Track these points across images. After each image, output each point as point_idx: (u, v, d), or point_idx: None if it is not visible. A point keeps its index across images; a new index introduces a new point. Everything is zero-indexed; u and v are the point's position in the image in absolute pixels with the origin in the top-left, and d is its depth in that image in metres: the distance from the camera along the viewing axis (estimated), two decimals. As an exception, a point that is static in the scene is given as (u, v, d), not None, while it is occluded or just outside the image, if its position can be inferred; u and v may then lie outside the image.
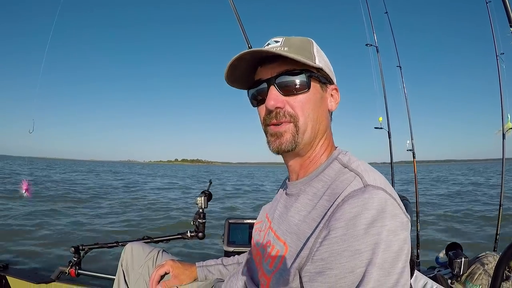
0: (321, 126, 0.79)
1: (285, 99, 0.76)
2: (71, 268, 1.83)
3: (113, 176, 27.53)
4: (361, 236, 0.58)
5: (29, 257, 4.11)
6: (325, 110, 0.81)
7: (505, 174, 2.94)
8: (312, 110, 0.76)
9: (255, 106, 0.83)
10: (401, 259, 0.59)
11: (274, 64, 0.76)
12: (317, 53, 0.79)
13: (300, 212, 0.74)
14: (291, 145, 0.76)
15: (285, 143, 0.76)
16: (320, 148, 0.81)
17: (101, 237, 5.22)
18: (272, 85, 0.76)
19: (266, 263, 0.77)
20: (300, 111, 0.75)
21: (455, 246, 2.01)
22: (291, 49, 0.76)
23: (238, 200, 12.26)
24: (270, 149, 0.79)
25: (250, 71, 0.82)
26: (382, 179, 0.69)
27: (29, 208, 7.98)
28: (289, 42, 0.78)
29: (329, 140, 0.83)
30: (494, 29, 2.95)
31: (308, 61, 0.74)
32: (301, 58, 0.73)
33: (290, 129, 0.75)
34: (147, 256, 1.31)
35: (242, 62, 0.77)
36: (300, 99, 0.76)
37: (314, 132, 0.78)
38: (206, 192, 1.78)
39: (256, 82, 0.81)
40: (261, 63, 0.79)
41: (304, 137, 0.76)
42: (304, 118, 0.75)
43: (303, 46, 0.78)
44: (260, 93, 0.79)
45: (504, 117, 2.93)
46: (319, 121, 0.79)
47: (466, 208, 8.80)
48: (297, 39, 0.80)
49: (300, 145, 0.76)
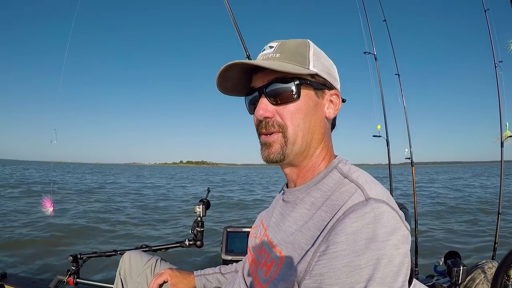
0: (315, 135, 0.77)
1: (274, 108, 0.74)
2: (69, 277, 1.82)
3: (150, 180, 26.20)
4: (362, 252, 0.57)
5: (27, 265, 4.09)
6: (320, 118, 0.78)
7: (503, 181, 2.94)
8: (302, 120, 0.74)
9: (251, 113, 0.82)
10: (402, 273, 0.58)
11: (265, 73, 0.74)
12: (313, 57, 0.76)
13: (297, 222, 0.73)
14: (279, 156, 0.75)
15: (273, 154, 0.75)
16: (317, 157, 0.79)
17: (99, 246, 5.20)
18: (262, 94, 0.75)
19: (262, 272, 0.77)
20: (289, 121, 0.74)
21: (454, 255, 2.01)
22: (283, 55, 0.74)
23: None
24: (261, 157, 0.78)
25: (246, 79, 0.80)
26: (383, 191, 0.68)
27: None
28: (282, 47, 0.76)
29: (327, 148, 0.80)
30: (493, 37, 2.97)
31: (299, 68, 0.73)
32: (288, 68, 0.71)
33: (278, 140, 0.74)
34: (145, 264, 1.31)
35: (232, 72, 0.76)
36: (290, 108, 0.74)
37: (306, 142, 0.76)
38: (204, 201, 1.78)
39: (250, 90, 0.80)
40: (255, 71, 0.77)
41: (294, 147, 0.75)
42: (293, 128, 0.74)
43: (297, 50, 0.76)
44: (253, 101, 0.79)
45: (502, 125, 2.94)
46: (312, 130, 0.76)
47: (465, 214, 8.76)
48: (293, 43, 0.77)
49: (289, 155, 0.75)
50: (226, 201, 11.57)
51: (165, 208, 9.72)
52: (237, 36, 1.76)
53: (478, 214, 8.74)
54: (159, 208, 9.79)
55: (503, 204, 2.84)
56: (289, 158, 0.76)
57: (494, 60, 2.98)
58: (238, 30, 1.74)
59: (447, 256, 2.03)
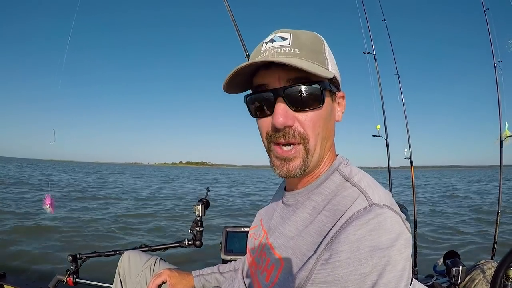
0: (328, 143, 0.72)
1: (295, 115, 0.65)
2: (68, 277, 1.82)
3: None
4: (366, 260, 0.56)
5: (27, 265, 4.08)
6: (333, 124, 0.73)
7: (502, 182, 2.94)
8: (322, 128, 0.68)
9: (255, 117, 0.72)
10: (404, 276, 0.58)
11: (283, 69, 0.64)
12: (328, 56, 0.69)
13: (298, 226, 0.71)
14: (300, 171, 0.68)
15: (294, 170, 0.67)
16: (323, 163, 0.75)
17: (99, 245, 5.19)
18: (280, 97, 0.64)
19: (262, 276, 0.76)
20: (311, 130, 0.66)
21: (453, 255, 2.01)
22: (303, 51, 0.65)
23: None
24: (275, 173, 0.69)
25: (250, 74, 0.71)
26: (386, 195, 0.66)
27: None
28: (298, 41, 0.66)
29: (332, 152, 0.77)
30: (492, 37, 2.97)
31: (324, 70, 0.65)
32: (317, 70, 0.62)
33: (300, 153, 0.67)
34: (144, 264, 1.31)
35: (244, 69, 0.66)
36: (312, 116, 0.66)
37: (322, 152, 0.71)
38: (203, 200, 1.78)
39: (257, 88, 0.69)
40: (265, 65, 0.66)
41: (313, 159, 0.69)
42: (314, 138, 0.67)
43: (315, 47, 0.67)
44: (264, 102, 0.68)
45: (501, 125, 2.94)
46: (328, 137, 0.71)
47: (464, 215, 8.77)
48: (307, 36, 0.68)
49: (308, 168, 0.69)
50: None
51: (165, 208, 9.72)
52: (237, 37, 1.75)
53: (478, 214, 8.76)
54: (158, 207, 9.80)
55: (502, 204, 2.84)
56: (309, 170, 0.70)
57: (494, 59, 2.98)
58: (238, 30, 1.74)
59: (446, 256, 2.03)
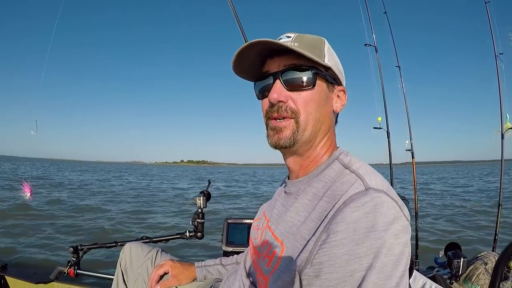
0: (323, 126, 0.79)
1: (288, 94, 0.75)
2: (70, 268, 1.82)
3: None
4: (362, 241, 0.57)
5: (28, 256, 4.11)
6: (329, 111, 0.80)
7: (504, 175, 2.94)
8: (314, 109, 0.76)
9: (260, 99, 0.82)
10: (402, 262, 0.58)
11: (282, 58, 0.76)
12: (327, 52, 0.78)
13: (300, 213, 0.73)
14: (289, 141, 0.75)
15: (283, 139, 0.75)
16: (321, 148, 0.80)
17: (100, 237, 5.22)
18: (277, 79, 0.75)
19: (264, 263, 0.77)
20: (302, 107, 0.75)
21: (454, 246, 2.02)
22: (302, 45, 0.75)
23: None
24: (268, 142, 0.78)
25: (259, 63, 0.81)
26: (383, 182, 0.69)
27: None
28: (300, 39, 0.77)
29: (331, 141, 0.82)
30: (493, 29, 2.95)
31: (317, 58, 0.74)
32: (309, 53, 0.72)
33: (290, 125, 0.75)
34: (146, 256, 1.31)
35: (252, 52, 0.76)
36: (304, 95, 0.75)
37: (314, 131, 0.77)
38: (205, 192, 1.77)
39: (263, 75, 0.80)
40: (270, 56, 0.78)
41: (304, 134, 0.75)
42: (305, 115, 0.75)
43: (314, 43, 0.78)
44: (266, 86, 0.79)
45: (503, 117, 2.94)
46: (322, 120, 0.78)
47: (465, 207, 8.81)
48: (310, 36, 0.79)
49: (298, 142, 0.76)
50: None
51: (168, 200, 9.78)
52: (240, 33, 1.74)
53: (479, 206, 8.79)
54: (162, 200, 9.85)
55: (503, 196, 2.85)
56: (297, 144, 0.76)
57: (495, 52, 2.97)
58: (240, 26, 1.73)
59: (447, 248, 2.03)
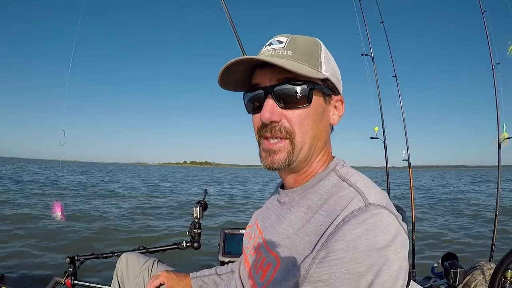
0: (319, 143, 0.74)
1: (282, 112, 0.69)
2: (66, 279, 1.81)
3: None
4: (362, 259, 0.56)
5: (24, 267, 4.07)
6: (326, 125, 0.75)
7: (500, 184, 2.94)
8: (311, 127, 0.71)
9: (250, 113, 0.77)
10: (401, 277, 0.58)
11: (274, 70, 0.68)
12: (324, 59, 0.72)
13: (293, 225, 0.72)
14: (284, 164, 0.71)
15: (278, 162, 0.71)
16: (317, 163, 0.77)
17: (96, 247, 5.18)
18: (269, 95, 0.69)
19: (257, 275, 0.76)
20: (297, 127, 0.69)
21: (451, 256, 2.02)
22: (296, 53, 0.69)
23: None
24: (262, 164, 0.73)
25: (247, 74, 0.74)
26: (382, 195, 0.67)
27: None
28: (294, 45, 0.70)
29: (327, 154, 0.79)
30: (490, 39, 2.98)
31: (313, 71, 0.69)
32: (303, 71, 0.66)
33: (285, 148, 0.70)
34: (142, 266, 1.31)
35: (240, 66, 0.70)
36: (299, 113, 0.69)
37: (311, 150, 0.73)
38: (201, 202, 1.78)
39: (253, 87, 0.74)
40: (260, 66, 0.71)
41: (300, 155, 0.71)
42: (301, 135, 0.70)
43: (309, 51, 0.71)
44: (256, 100, 0.73)
45: (499, 127, 2.95)
46: (318, 137, 0.73)
47: (463, 216, 8.78)
48: (304, 41, 0.72)
49: (294, 163, 0.72)
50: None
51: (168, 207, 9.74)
52: (234, 36, 1.76)
53: (475, 216, 8.76)
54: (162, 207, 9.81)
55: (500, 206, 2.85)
56: (294, 165, 0.73)
57: (492, 62, 2.99)
58: (235, 29, 1.74)
59: (444, 258, 2.03)
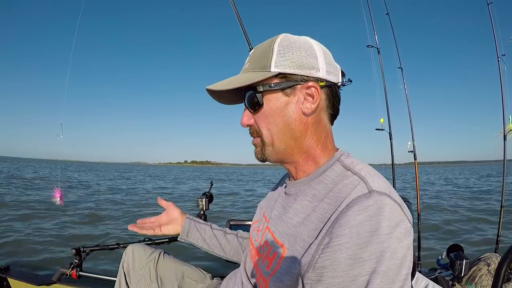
0: (295, 133, 0.75)
1: (253, 116, 0.79)
2: (72, 270, 1.83)
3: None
4: (365, 245, 0.57)
5: (30, 259, 4.12)
6: (295, 116, 0.75)
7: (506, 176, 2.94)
8: (272, 123, 0.76)
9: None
10: (405, 265, 0.58)
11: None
12: (277, 56, 0.73)
13: (299, 214, 0.73)
14: (261, 157, 0.80)
15: (257, 155, 0.82)
16: (313, 149, 0.77)
17: (102, 239, 5.22)
18: (244, 105, 0.81)
19: (263, 265, 0.77)
20: (263, 126, 0.78)
21: (456, 248, 2.02)
22: (251, 64, 0.78)
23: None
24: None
25: (237, 90, 0.81)
26: (386, 184, 0.68)
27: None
28: (252, 55, 0.79)
29: (320, 140, 0.77)
30: (496, 30, 2.95)
31: (259, 74, 0.74)
32: (245, 79, 0.75)
33: (258, 143, 0.80)
34: (149, 257, 1.31)
35: (222, 92, 0.81)
36: (259, 115, 0.78)
37: (284, 142, 0.76)
38: (207, 194, 1.78)
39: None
40: None
41: (274, 148, 0.78)
42: (266, 132, 0.77)
43: (262, 54, 0.75)
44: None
45: (505, 118, 2.93)
46: (288, 129, 0.75)
47: (468, 208, 8.78)
48: (262, 46, 0.77)
49: (272, 155, 0.79)
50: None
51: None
52: (241, 32, 1.74)
53: (481, 207, 8.75)
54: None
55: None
56: (273, 157, 0.80)
57: (497, 53, 2.97)
58: (241, 23, 1.73)
59: (449, 249, 2.03)
